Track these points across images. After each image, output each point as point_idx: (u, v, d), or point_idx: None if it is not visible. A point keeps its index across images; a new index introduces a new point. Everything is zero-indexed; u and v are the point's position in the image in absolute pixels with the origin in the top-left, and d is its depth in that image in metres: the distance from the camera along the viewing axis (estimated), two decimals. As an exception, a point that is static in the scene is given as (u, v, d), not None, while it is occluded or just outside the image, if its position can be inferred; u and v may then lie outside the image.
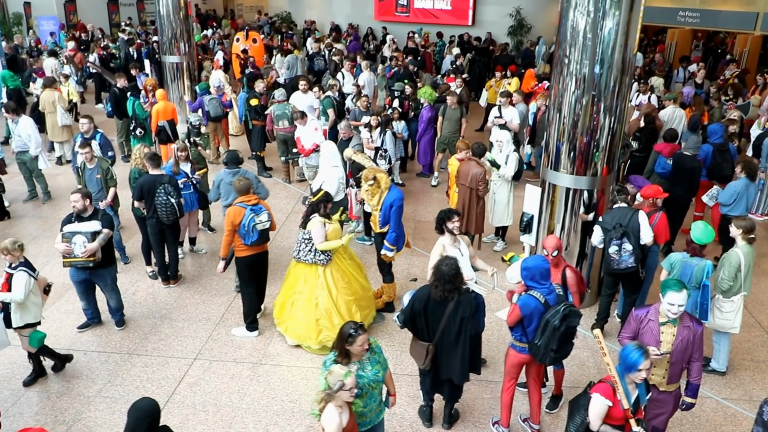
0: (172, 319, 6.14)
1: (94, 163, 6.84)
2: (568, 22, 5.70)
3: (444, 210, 5.12)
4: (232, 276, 6.96)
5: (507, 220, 7.57)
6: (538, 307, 4.19)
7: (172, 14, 12.90)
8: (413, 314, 4.39)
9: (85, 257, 5.30)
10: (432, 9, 19.36)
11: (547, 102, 9.45)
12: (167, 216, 6.30)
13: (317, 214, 5.40)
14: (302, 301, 5.50)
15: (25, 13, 19.41)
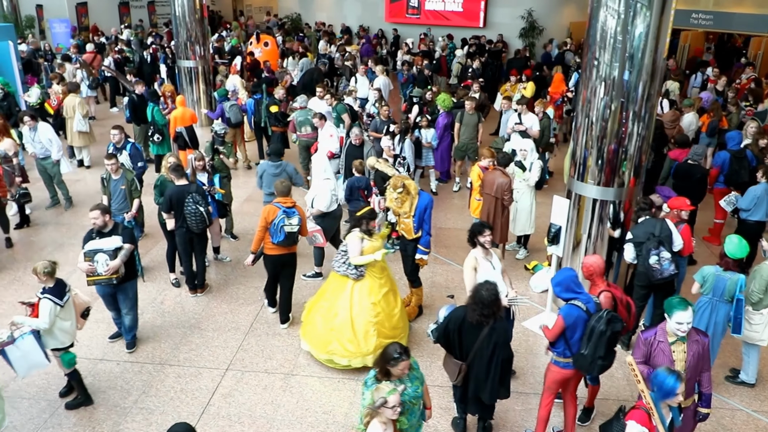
0: (201, 329, 6.19)
1: (119, 174, 6.89)
2: (598, 24, 5.65)
3: (476, 223, 5.16)
4: (259, 284, 7.03)
5: (529, 228, 7.60)
6: (581, 316, 4.23)
7: (188, 16, 12.92)
8: (447, 333, 4.43)
9: (108, 275, 5.29)
10: (443, 11, 19.36)
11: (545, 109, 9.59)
12: (197, 225, 6.35)
13: (357, 229, 5.44)
14: (324, 309, 5.55)
15: (38, 16, 19.49)
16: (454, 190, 9.98)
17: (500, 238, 7.02)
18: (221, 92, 10.43)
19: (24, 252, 7.78)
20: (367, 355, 5.35)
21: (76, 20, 19.87)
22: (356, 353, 5.38)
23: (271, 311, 6.50)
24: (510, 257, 7.82)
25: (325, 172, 6.96)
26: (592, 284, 4.96)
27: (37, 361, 4.64)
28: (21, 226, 8.39)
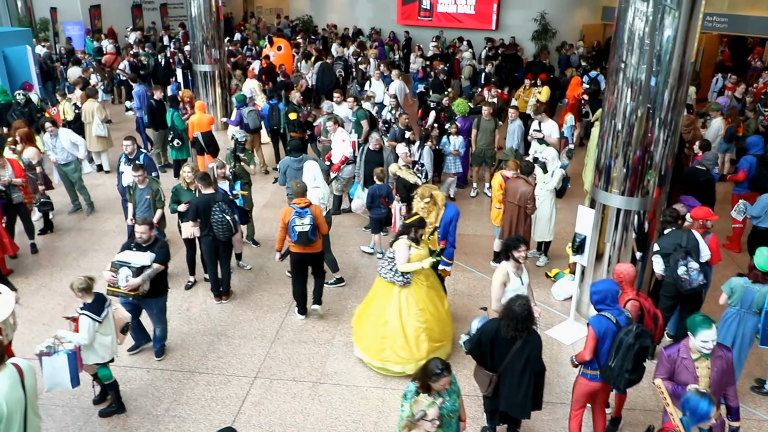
0: (228, 336, 6.26)
1: (145, 184, 6.97)
2: (626, 25, 5.61)
3: (512, 237, 5.20)
4: (282, 291, 7.10)
5: (549, 235, 7.63)
6: (610, 327, 4.27)
7: (204, 17, 12.95)
8: (479, 345, 4.47)
9: (126, 291, 5.35)
10: (455, 13, 19.36)
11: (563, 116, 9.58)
12: (224, 233, 6.42)
13: (405, 236, 5.50)
14: (374, 316, 5.61)
15: (51, 19, 19.63)
16: (471, 196, 10.01)
17: (522, 246, 7.04)
18: (239, 98, 10.48)
19: (49, 258, 7.87)
20: (420, 360, 5.37)
21: (89, 22, 20.00)
22: (409, 359, 5.45)
23: (299, 318, 6.56)
24: (530, 264, 7.84)
25: (315, 180, 6.99)
26: (621, 292, 5.01)
27: (62, 381, 4.66)
28: (45, 231, 8.49)
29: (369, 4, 21.09)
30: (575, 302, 6.50)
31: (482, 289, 7.26)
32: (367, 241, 8.40)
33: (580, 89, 11.70)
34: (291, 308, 6.78)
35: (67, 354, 4.67)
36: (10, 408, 3.64)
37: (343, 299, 6.99)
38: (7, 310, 4.33)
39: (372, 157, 8.22)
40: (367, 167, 8.21)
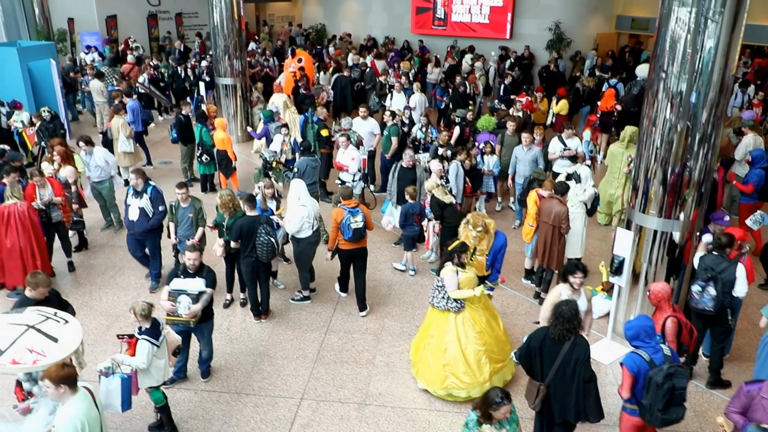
0: (270, 357, 6.36)
1: (188, 203, 7.07)
2: (667, 34, 5.61)
3: (571, 263, 5.29)
4: (320, 310, 7.20)
5: (579, 252, 7.70)
6: (643, 366, 4.33)
7: (226, 25, 12.97)
8: (529, 351, 4.59)
9: (187, 318, 5.45)
10: (470, 22, 19.45)
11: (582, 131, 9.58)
12: (267, 255, 6.52)
13: (450, 263, 5.59)
14: (433, 346, 5.68)
15: (69, 29, 19.80)
16: (496, 210, 10.09)
17: (557, 264, 7.14)
18: (267, 113, 10.60)
19: (86, 276, 7.98)
20: (484, 383, 5.49)
21: (106, 33, 20.17)
22: (473, 384, 5.53)
23: (342, 295, 7.40)
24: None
25: (300, 200, 7.03)
26: (659, 310, 5.14)
27: (113, 404, 4.75)
28: (80, 248, 8.60)
29: (383, 13, 21.20)
30: (612, 322, 6.58)
31: (515, 307, 7.35)
32: (397, 257, 8.50)
33: (614, 101, 11.76)
34: (329, 327, 6.88)
35: (121, 378, 4.77)
36: (91, 426, 3.84)
37: (380, 318, 7.08)
38: (77, 339, 4.44)
39: (405, 174, 8.31)
40: (400, 184, 8.31)
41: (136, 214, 7.13)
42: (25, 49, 13.25)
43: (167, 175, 11.72)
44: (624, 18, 18.66)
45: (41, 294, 5.03)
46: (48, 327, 4.40)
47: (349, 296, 7.45)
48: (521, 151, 8.90)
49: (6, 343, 4.03)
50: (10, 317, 4.43)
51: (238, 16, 13.29)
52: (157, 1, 21.60)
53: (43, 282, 5.02)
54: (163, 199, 7.33)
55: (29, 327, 4.29)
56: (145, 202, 7.12)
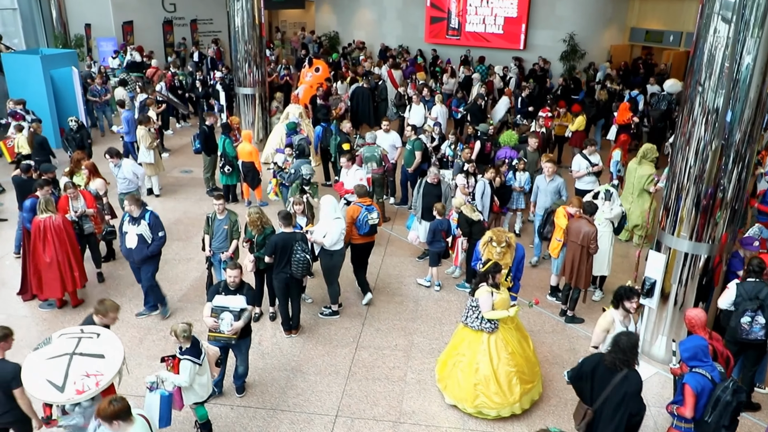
0: (303, 372, 6.44)
1: (224, 215, 7.16)
2: (705, 47, 5.57)
3: (626, 287, 5.33)
4: (348, 325, 7.28)
5: (606, 269, 7.77)
6: (707, 385, 4.43)
7: (246, 32, 12.89)
8: (581, 374, 4.67)
9: (230, 335, 5.55)
10: (483, 33, 19.56)
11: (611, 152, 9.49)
12: (302, 272, 6.60)
13: (485, 284, 5.67)
14: (464, 364, 5.76)
15: (86, 35, 19.96)
16: (516, 226, 10.15)
17: (584, 283, 7.21)
18: (290, 126, 10.69)
19: (116, 287, 8.08)
20: (514, 404, 5.61)
21: (122, 39, 20.32)
22: (504, 404, 5.62)
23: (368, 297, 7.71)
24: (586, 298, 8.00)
25: (335, 212, 7.17)
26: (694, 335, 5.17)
27: (152, 419, 4.78)
28: (108, 259, 8.70)
29: (397, 21, 21.32)
30: (641, 342, 6.64)
31: (542, 324, 7.42)
32: (422, 272, 8.58)
33: (629, 114, 11.82)
34: (359, 343, 6.96)
35: (161, 394, 4.86)
36: None
37: (409, 335, 7.15)
38: (119, 347, 4.53)
39: (430, 190, 8.39)
40: (425, 200, 8.39)
41: (134, 241, 6.83)
42: (48, 57, 13.38)
43: (188, 184, 11.84)
44: (638, 30, 18.75)
45: (112, 319, 5.13)
46: (87, 347, 4.46)
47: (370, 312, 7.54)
48: (543, 181, 8.48)
49: (60, 378, 4.08)
50: (45, 352, 4.39)
51: (259, 22, 13.15)
52: (172, 7, 21.76)
53: (112, 307, 5.12)
54: (162, 224, 7.08)
55: (71, 354, 4.34)
56: (144, 229, 6.83)
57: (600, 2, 18.19)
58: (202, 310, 7.35)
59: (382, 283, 8.30)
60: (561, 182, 8.41)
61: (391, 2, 21.25)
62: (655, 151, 9.19)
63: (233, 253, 7.26)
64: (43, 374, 4.10)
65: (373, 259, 8.86)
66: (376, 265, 8.76)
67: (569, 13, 18.26)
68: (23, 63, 13.20)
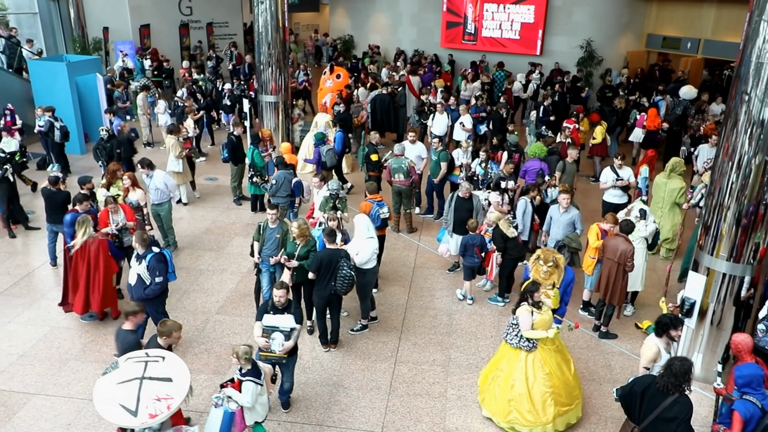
0: (345, 387, 6.55)
1: (276, 224, 7.27)
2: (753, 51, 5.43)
3: (671, 316, 5.41)
4: (385, 339, 7.39)
5: (639, 285, 7.86)
6: (756, 412, 4.53)
7: (270, 35, 12.77)
8: (631, 394, 4.77)
9: (281, 354, 5.67)
10: (500, 38, 19.61)
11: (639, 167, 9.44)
12: (347, 288, 6.69)
13: (525, 303, 5.76)
14: (501, 379, 5.87)
15: (104, 38, 20.07)
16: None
17: (618, 300, 7.30)
18: (319, 136, 10.78)
19: (153, 298, 8.18)
20: (546, 424, 5.68)
21: (139, 42, 20.44)
22: (536, 423, 5.71)
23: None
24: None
25: (368, 231, 7.25)
26: (740, 360, 5.29)
27: None
28: (143, 270, 8.81)
29: (412, 26, 21.38)
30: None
31: (576, 340, 7.49)
32: (452, 284, 8.68)
33: (659, 119, 11.89)
34: (397, 357, 7.06)
35: (225, 411, 4.96)
36: None
37: (445, 349, 7.25)
38: (185, 370, 4.63)
39: (462, 205, 8.48)
40: (456, 214, 8.48)
41: (133, 278, 6.54)
42: (74, 64, 13.50)
43: (214, 192, 11.95)
44: (655, 36, 18.77)
45: (176, 339, 5.25)
46: (154, 371, 4.58)
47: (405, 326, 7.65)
48: (557, 212, 8.03)
49: (133, 403, 4.20)
50: (114, 377, 4.50)
51: (283, 25, 12.96)
52: (189, 10, 21.86)
53: (175, 327, 5.22)
54: (165, 268, 6.58)
55: (141, 379, 4.45)
56: (142, 270, 6.46)
57: (617, 8, 18.22)
58: (240, 322, 7.64)
59: (415, 296, 8.40)
60: (576, 214, 7.97)
61: (406, 7, 21.31)
62: (683, 165, 9.27)
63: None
64: (116, 399, 4.21)
65: (404, 271, 9.04)
66: (407, 277, 8.87)
67: (586, 19, 18.31)
68: (49, 70, 13.33)
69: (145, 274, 6.47)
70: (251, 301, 8.02)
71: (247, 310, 7.92)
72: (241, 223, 10.48)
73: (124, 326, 5.45)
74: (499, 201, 8.42)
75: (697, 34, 17.56)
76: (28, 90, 13.93)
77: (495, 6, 19.34)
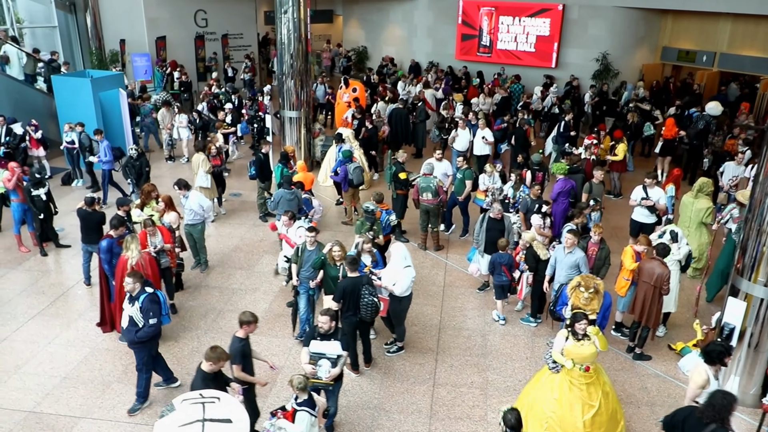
0: (386, 411, 6.61)
1: (314, 246, 7.36)
2: None
3: (726, 345, 5.48)
4: (422, 361, 7.45)
5: (673, 306, 7.91)
6: None
7: (293, 45, 12.74)
8: (673, 423, 4.89)
9: (328, 381, 5.74)
10: (515, 50, 19.72)
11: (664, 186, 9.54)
12: (371, 315, 6.75)
13: (565, 328, 5.85)
14: (529, 395, 6.02)
15: (121, 50, 20.23)
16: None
17: (654, 322, 7.36)
18: (346, 153, 10.86)
19: (189, 319, 8.27)
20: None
21: (156, 54, 20.60)
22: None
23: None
24: (649, 334, 8.14)
25: (405, 260, 7.25)
26: None
27: None
28: (176, 289, 8.89)
29: (427, 38, 21.50)
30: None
31: (611, 362, 7.52)
32: (483, 304, 8.75)
33: (676, 129, 11.96)
34: (435, 380, 7.12)
35: None
36: None
37: (482, 371, 7.31)
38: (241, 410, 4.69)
39: (493, 225, 8.55)
40: (488, 234, 8.55)
41: (125, 322, 6.24)
42: (97, 80, 13.63)
43: (239, 209, 12.05)
44: (670, 49, 18.85)
45: (221, 366, 5.31)
46: (213, 412, 4.58)
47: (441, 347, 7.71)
48: (561, 252, 7.54)
49: None
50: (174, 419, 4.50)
51: (305, 36, 12.88)
52: (204, 22, 22.02)
53: (223, 354, 5.29)
54: (159, 310, 6.31)
55: (202, 421, 4.47)
56: (135, 311, 6.16)
57: (633, 21, 18.30)
58: (277, 343, 7.71)
59: (447, 316, 8.46)
60: (581, 257, 7.40)
61: (421, 19, 21.44)
62: (711, 185, 9.33)
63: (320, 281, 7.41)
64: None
65: (434, 290, 9.12)
66: (437, 296, 8.94)
67: (602, 32, 18.39)
68: (73, 86, 13.45)
69: (137, 316, 6.16)
70: (285, 321, 8.11)
71: (282, 330, 7.99)
72: (269, 241, 10.56)
73: (238, 333, 5.73)
74: (540, 224, 8.48)
75: (713, 47, 17.64)
76: (52, 105, 14.07)
77: (510, 19, 19.46)
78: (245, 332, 5.71)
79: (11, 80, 14.51)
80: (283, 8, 12.68)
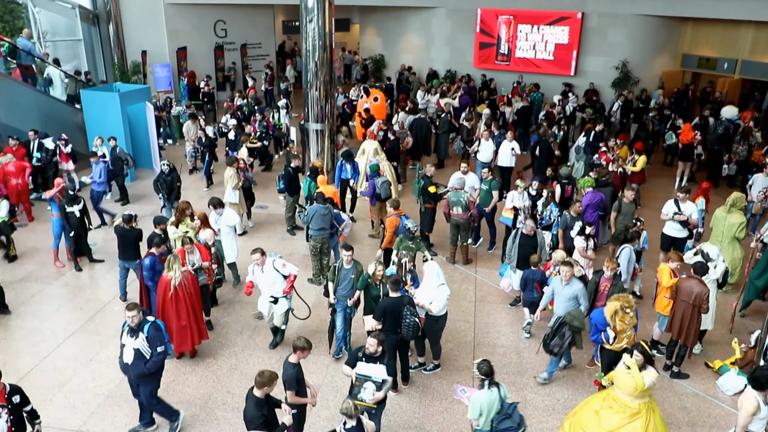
0: (427, 431, 6.65)
1: (351, 264, 7.43)
2: None
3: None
4: (459, 379, 7.48)
5: (710, 324, 7.88)
6: None
7: (318, 53, 12.46)
8: None
9: (370, 404, 5.78)
10: (533, 59, 19.73)
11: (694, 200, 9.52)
12: (412, 334, 6.81)
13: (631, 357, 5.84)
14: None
15: (142, 61, 20.46)
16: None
17: (693, 341, 7.35)
18: (373, 167, 10.92)
19: (225, 335, 8.35)
20: None
21: (176, 64, 20.81)
22: None
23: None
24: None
25: (439, 278, 7.26)
26: None
27: None
28: (212, 305, 8.98)
29: (445, 47, 21.54)
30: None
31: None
32: (515, 320, 8.77)
33: (692, 133, 12.01)
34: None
35: None
36: None
37: (520, 390, 7.33)
38: None
39: (526, 241, 8.58)
40: (521, 250, 8.58)
41: (130, 356, 6.05)
42: (125, 94, 13.80)
43: (266, 221, 12.14)
44: (690, 57, 18.80)
45: (272, 388, 5.37)
46: None
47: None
48: (559, 284, 7.27)
49: None
50: None
51: (330, 45, 12.59)
52: (223, 32, 22.22)
53: (273, 375, 5.36)
54: (163, 338, 6.27)
55: None
56: (141, 343, 6.04)
57: (653, 29, 18.27)
58: (314, 360, 7.76)
59: (481, 333, 8.49)
60: (579, 289, 7.12)
61: (439, 27, 21.49)
62: (744, 200, 9.30)
63: (357, 301, 7.52)
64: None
65: (465, 305, 9.15)
66: (470, 312, 8.97)
67: (621, 40, 18.37)
68: (102, 100, 13.64)
69: (145, 347, 6.04)
70: (321, 338, 8.16)
71: (318, 347, 8.01)
72: (298, 255, 10.63)
73: (290, 359, 5.78)
74: (584, 246, 8.48)
75: (735, 54, 17.57)
76: (80, 118, 14.27)
77: (529, 27, 19.48)
78: (298, 358, 5.75)
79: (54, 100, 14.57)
80: (309, 17, 12.53)
